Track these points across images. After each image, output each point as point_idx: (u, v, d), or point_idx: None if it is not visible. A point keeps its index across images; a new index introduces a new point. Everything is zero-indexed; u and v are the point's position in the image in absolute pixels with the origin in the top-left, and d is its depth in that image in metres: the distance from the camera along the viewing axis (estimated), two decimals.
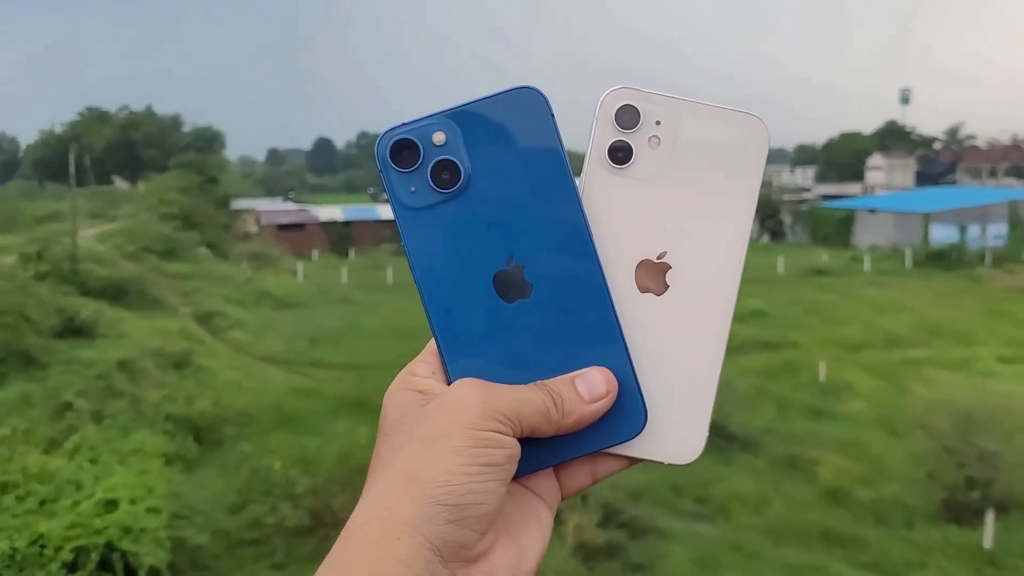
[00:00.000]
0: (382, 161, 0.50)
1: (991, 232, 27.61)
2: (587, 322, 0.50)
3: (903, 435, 9.54)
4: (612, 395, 0.49)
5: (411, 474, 0.44)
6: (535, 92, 0.50)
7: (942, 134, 62.88)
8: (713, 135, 0.51)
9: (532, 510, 0.50)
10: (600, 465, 0.52)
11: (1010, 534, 7.66)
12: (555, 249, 0.50)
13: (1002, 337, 15.15)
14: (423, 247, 0.50)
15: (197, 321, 15.70)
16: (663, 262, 0.52)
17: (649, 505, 8.09)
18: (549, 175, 0.50)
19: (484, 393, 0.47)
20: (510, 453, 0.46)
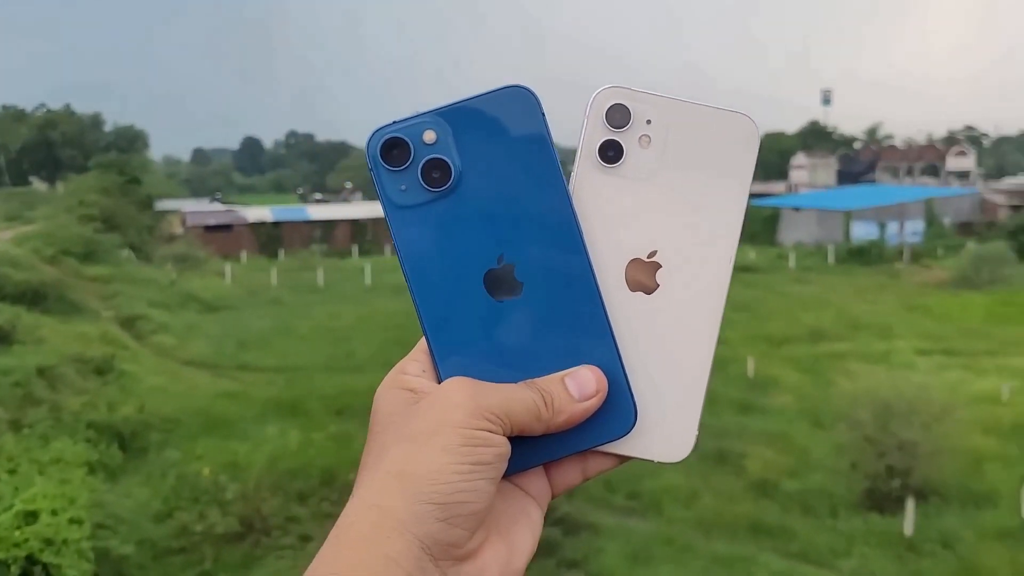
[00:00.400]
0: (372, 160, 0.50)
1: (908, 229, 28.57)
2: (577, 321, 0.50)
3: (827, 427, 9.81)
4: (602, 394, 0.49)
5: (401, 473, 0.44)
6: (526, 91, 0.50)
7: (862, 134, 64.85)
8: (704, 134, 0.52)
9: (522, 508, 0.50)
10: (590, 463, 0.52)
11: (928, 520, 7.93)
12: (545, 248, 0.50)
13: (919, 330, 15.70)
14: (413, 246, 0.50)
15: (120, 325, 15.29)
16: (653, 261, 0.52)
17: (582, 502, 8.15)
18: (539, 173, 0.50)
19: (474, 392, 0.47)
20: (500, 452, 0.46)
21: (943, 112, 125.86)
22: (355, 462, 1.83)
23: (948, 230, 29.25)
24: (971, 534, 7.74)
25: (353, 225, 31.78)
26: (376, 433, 0.48)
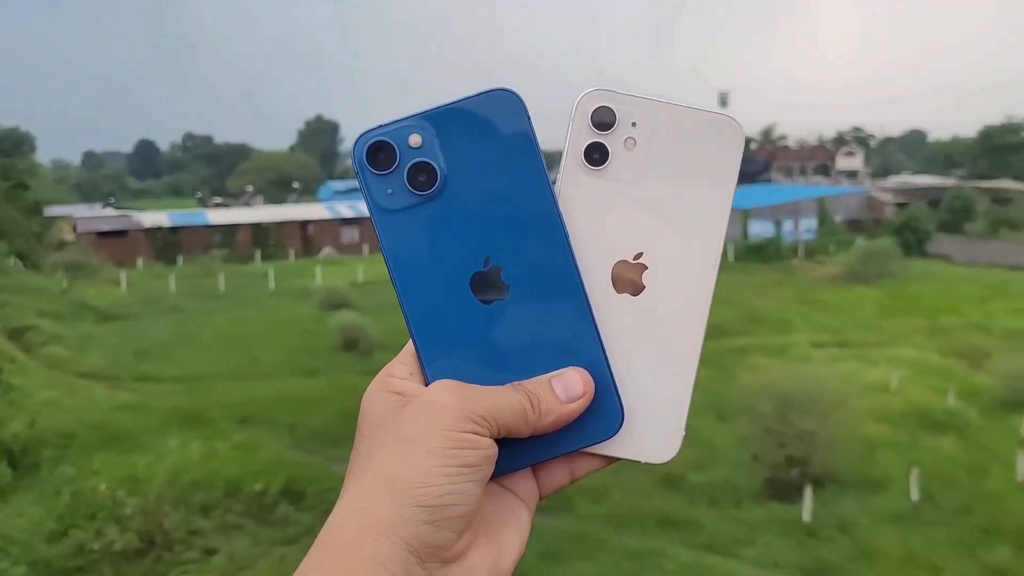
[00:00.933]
0: (358, 163, 0.50)
1: (803, 226, 29.62)
2: (564, 323, 0.51)
3: (731, 420, 10.07)
4: (589, 395, 0.50)
5: (388, 476, 0.44)
6: (511, 93, 0.50)
7: (757, 135, 66.82)
8: (689, 136, 0.52)
9: (510, 510, 0.50)
10: (578, 464, 0.52)
11: (826, 507, 8.24)
12: (532, 250, 0.50)
13: (815, 324, 16.30)
14: (400, 249, 0.50)
15: (7, 337, 14.55)
16: (639, 263, 0.52)
17: None
18: (525, 176, 0.50)
19: (461, 394, 0.47)
20: (487, 454, 0.46)
21: (833, 114, 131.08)
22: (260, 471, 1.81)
23: (839, 227, 30.43)
24: (866, 518, 8.08)
25: (255, 229, 31.05)
26: (363, 436, 0.48)
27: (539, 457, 0.50)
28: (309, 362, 13.78)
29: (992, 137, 42.54)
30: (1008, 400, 11.09)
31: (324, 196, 42.86)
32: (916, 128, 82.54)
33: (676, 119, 0.52)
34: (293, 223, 31.77)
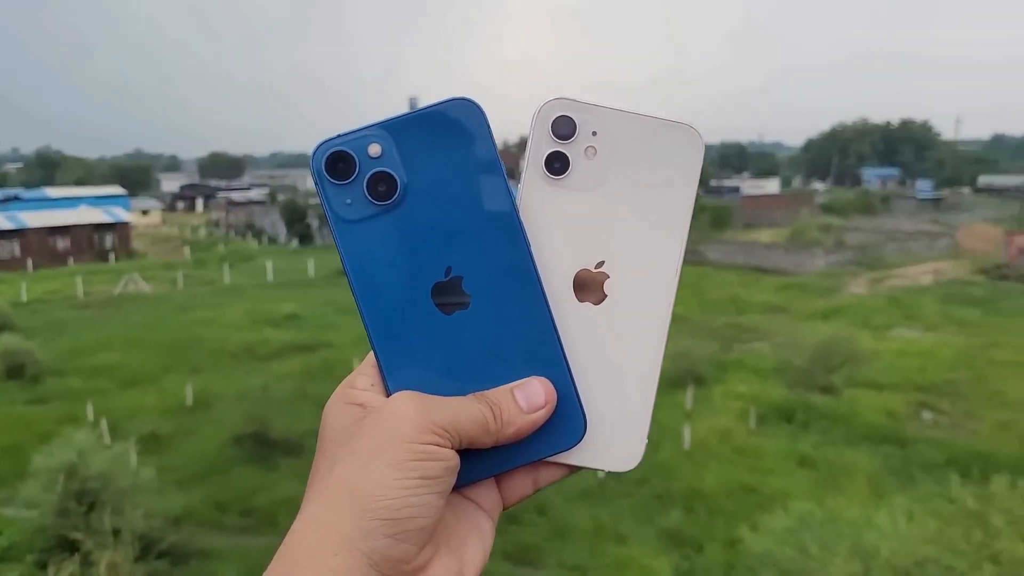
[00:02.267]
0: (317, 173, 0.49)
1: None
2: (526, 332, 0.50)
3: None
4: (551, 405, 0.49)
5: (349, 489, 0.43)
6: (471, 103, 0.49)
7: None
8: (649, 145, 0.51)
9: (473, 521, 0.49)
10: (542, 474, 0.52)
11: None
12: (493, 260, 0.50)
13: None
14: (360, 259, 0.49)
15: None
16: (601, 272, 0.52)
17: (192, 528, 7.71)
18: (486, 186, 0.50)
19: (422, 406, 0.46)
20: (448, 466, 0.45)
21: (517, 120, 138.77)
22: None
23: None
24: (560, 499, 8.64)
25: None
26: (324, 448, 0.47)
27: (502, 467, 0.50)
28: None
29: None
30: (674, 378, 12.41)
31: None
32: None
33: (636, 128, 0.52)
34: None
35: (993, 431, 10.43)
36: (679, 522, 8.26)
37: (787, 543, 5.33)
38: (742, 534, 6.36)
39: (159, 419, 11.08)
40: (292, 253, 29.58)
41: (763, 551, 5.53)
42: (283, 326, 16.25)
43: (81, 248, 29.92)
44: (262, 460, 9.29)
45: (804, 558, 5.02)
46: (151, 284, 23.06)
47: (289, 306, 17.75)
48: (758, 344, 15.30)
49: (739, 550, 6.58)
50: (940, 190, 52.53)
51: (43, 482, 7.28)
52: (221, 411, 10.96)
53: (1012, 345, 14.57)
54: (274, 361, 13.76)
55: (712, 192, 46.54)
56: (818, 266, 25.26)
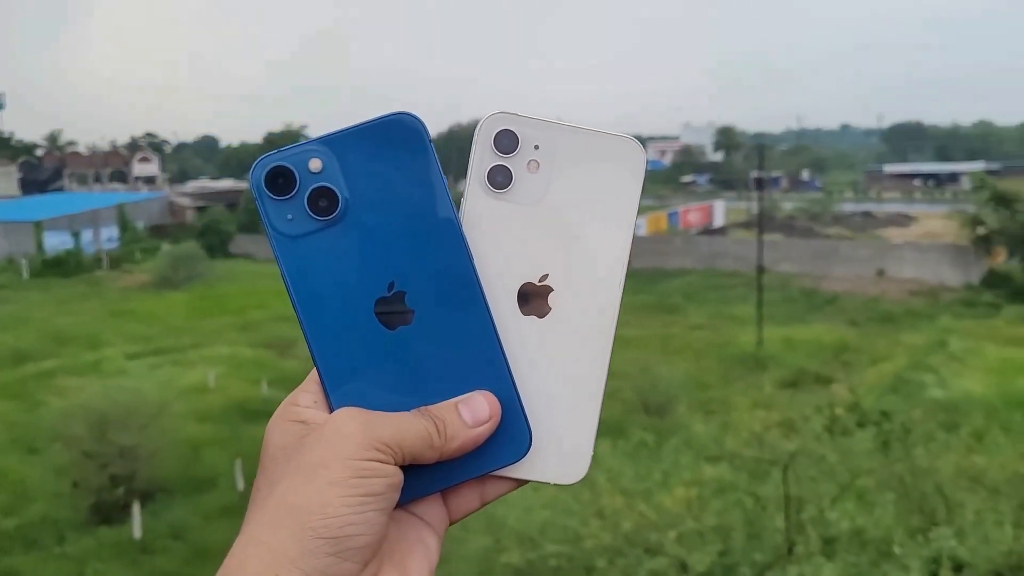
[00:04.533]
0: (257, 188, 0.48)
1: (104, 235, 28.47)
2: (470, 347, 0.50)
3: (42, 451, 9.25)
4: (496, 419, 0.49)
5: (290, 507, 0.43)
6: (412, 118, 0.49)
7: (42, 140, 62.08)
8: (591, 158, 0.52)
9: (418, 537, 0.49)
10: (488, 488, 0.51)
11: (158, 518, 8.16)
12: (436, 275, 0.50)
13: (127, 335, 15.88)
14: (302, 275, 0.49)
15: None
16: (545, 285, 0.52)
17: None
18: (428, 200, 0.49)
19: (364, 422, 0.45)
20: (391, 482, 0.45)
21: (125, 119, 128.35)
22: None
23: (142, 234, 30.06)
24: (198, 519, 8.22)
25: None
26: (265, 467, 0.46)
27: (447, 483, 0.49)
28: None
29: (275, 143, 46.48)
30: None
31: None
32: (208, 134, 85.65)
33: (578, 141, 0.52)
34: None
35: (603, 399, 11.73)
36: None
37: None
38: None
39: None
40: None
41: None
42: None
43: None
44: None
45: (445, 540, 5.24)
46: None
47: None
48: None
49: None
50: None
51: None
52: None
53: None
54: None
55: None
56: None
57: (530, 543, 4.66)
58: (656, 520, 4.54)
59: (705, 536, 4.41)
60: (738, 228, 30.66)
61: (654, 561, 4.20)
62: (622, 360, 13.15)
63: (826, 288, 20.15)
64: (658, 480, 5.52)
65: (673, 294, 19.91)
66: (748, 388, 11.78)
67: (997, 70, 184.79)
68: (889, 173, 57.48)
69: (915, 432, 5.62)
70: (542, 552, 4.53)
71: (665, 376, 11.33)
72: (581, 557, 4.54)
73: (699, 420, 8.53)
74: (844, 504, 4.68)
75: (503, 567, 4.66)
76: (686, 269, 23.00)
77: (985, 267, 21.09)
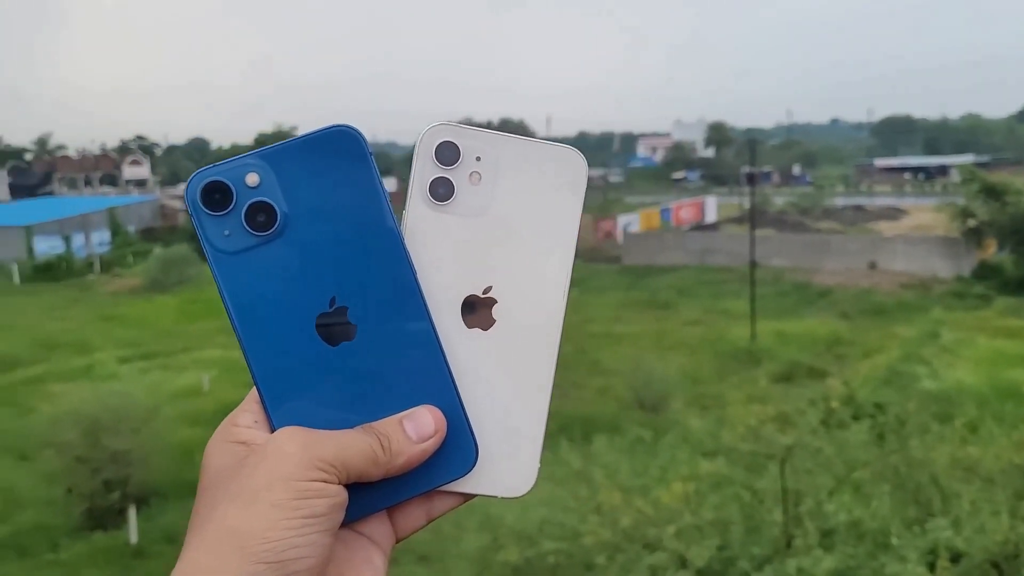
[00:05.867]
0: (192, 204, 0.48)
1: (95, 239, 28.35)
2: (414, 361, 0.49)
3: (34, 458, 9.19)
4: (441, 433, 0.49)
5: (230, 531, 0.41)
6: (351, 131, 0.49)
7: (31, 144, 61.82)
8: (532, 169, 0.51)
9: (365, 556, 0.48)
10: (435, 504, 0.51)
11: (152, 523, 8.11)
12: (378, 289, 0.49)
13: (117, 339, 15.81)
14: (240, 292, 0.48)
15: None
16: (489, 297, 0.51)
17: None
18: (368, 214, 0.49)
19: (305, 441, 0.44)
20: (334, 502, 0.44)
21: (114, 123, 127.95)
22: None
23: (134, 237, 29.95)
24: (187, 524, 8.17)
25: None
26: (205, 489, 0.45)
27: (393, 500, 0.49)
28: None
29: (266, 144, 46.27)
30: None
31: None
32: (199, 136, 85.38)
33: (519, 152, 0.52)
34: None
35: (594, 396, 11.70)
36: None
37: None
38: None
39: None
40: None
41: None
42: None
43: None
44: None
45: (439, 539, 5.26)
46: None
47: None
48: None
49: None
50: None
51: None
52: None
53: (602, 318, 16.49)
54: None
55: None
56: None
57: (528, 541, 4.65)
58: (654, 516, 4.52)
59: (703, 530, 4.39)
60: (730, 223, 30.71)
61: (653, 556, 4.19)
62: (616, 357, 13.16)
63: (818, 282, 20.16)
64: (655, 476, 5.52)
65: (666, 290, 19.92)
66: (742, 383, 11.78)
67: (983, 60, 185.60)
68: (879, 167, 57.69)
69: (909, 424, 5.61)
70: (540, 549, 4.52)
71: (659, 372, 11.30)
72: (580, 554, 4.52)
73: (694, 415, 8.54)
74: (841, 496, 4.67)
75: (501, 565, 4.65)
76: (679, 265, 22.99)
77: (976, 259, 21.16)
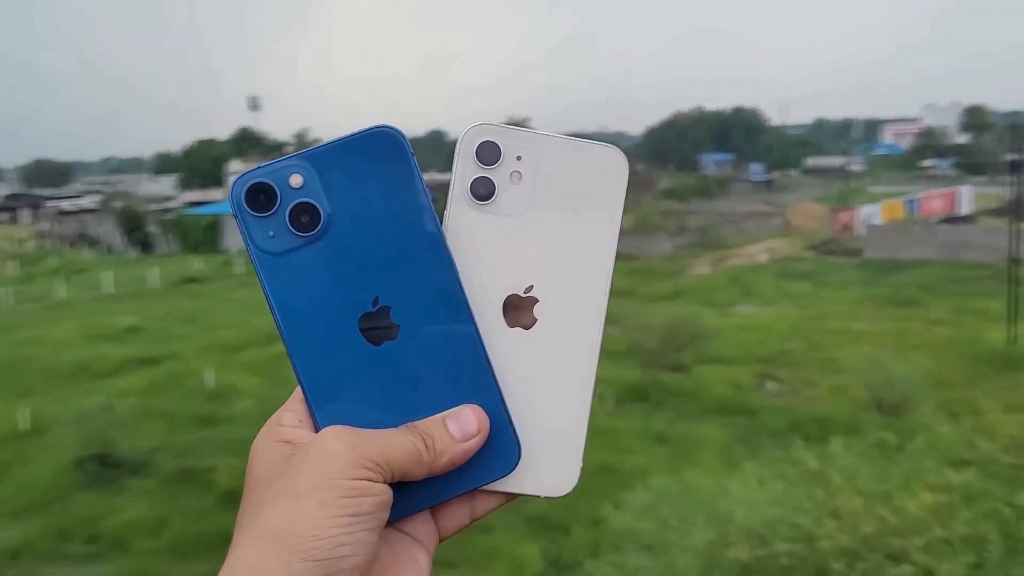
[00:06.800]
0: (237, 206, 0.48)
1: None
2: (456, 361, 0.49)
3: None
4: (484, 433, 0.49)
5: (278, 530, 0.41)
6: (393, 131, 0.49)
7: (292, 138, 67.42)
8: (573, 168, 0.52)
9: (409, 555, 0.48)
10: (478, 503, 0.51)
11: None
12: (420, 289, 0.49)
13: None
14: (285, 293, 0.49)
15: None
16: (530, 296, 0.51)
17: (30, 560, 7.21)
18: (411, 214, 0.49)
19: (351, 440, 0.45)
20: (380, 500, 0.44)
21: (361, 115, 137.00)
22: None
23: None
24: None
25: None
26: (251, 490, 0.45)
27: (437, 499, 0.49)
28: None
29: None
30: None
31: None
32: (437, 129, 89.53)
33: (560, 151, 0.52)
34: None
35: (829, 395, 11.11)
36: (544, 507, 8.37)
37: (647, 518, 5.50)
38: (605, 513, 6.52)
39: None
40: (131, 262, 28.09)
41: (625, 527, 5.69)
42: (123, 340, 15.39)
43: None
44: (107, 483, 8.78)
45: (665, 530, 5.19)
46: None
47: (128, 318, 16.84)
48: (609, 328, 15.70)
49: (603, 528, 6.73)
50: (771, 172, 55.57)
51: None
52: (59, 434, 10.27)
53: (839, 314, 15.60)
54: (114, 377, 13.02)
55: None
56: (662, 250, 26.24)
57: (759, 540, 4.49)
58: (899, 525, 4.22)
59: (955, 546, 4.05)
60: (988, 216, 28.03)
61: (899, 568, 3.91)
62: (853, 355, 12.41)
63: None
64: (898, 483, 5.15)
65: (910, 286, 18.50)
66: (999, 389, 10.72)
67: None
68: None
69: None
70: (772, 550, 4.35)
71: (901, 373, 10.52)
72: (814, 558, 4.31)
73: (943, 422, 7.87)
74: None
75: (730, 562, 4.52)
76: (926, 260, 21.28)
77: None
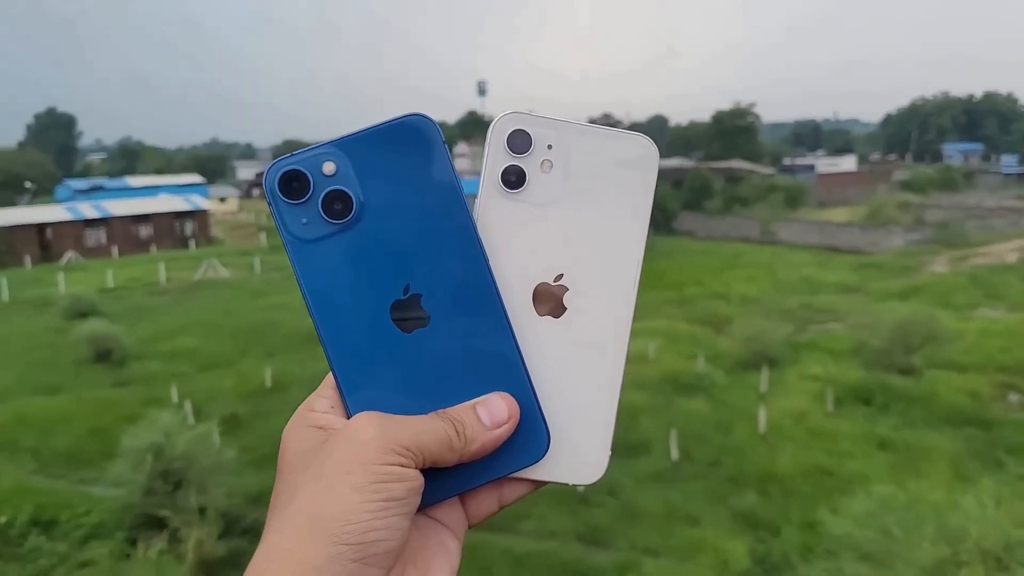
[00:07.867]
0: (271, 192, 0.48)
1: None
2: (486, 348, 0.50)
3: None
4: (514, 420, 0.49)
5: (312, 515, 0.42)
6: (425, 119, 0.49)
7: None
8: (604, 157, 0.52)
9: (439, 540, 0.49)
10: (506, 490, 0.51)
11: None
12: (451, 277, 0.49)
13: None
14: (317, 279, 0.49)
15: None
16: (560, 284, 0.52)
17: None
18: (442, 202, 0.49)
19: (383, 426, 0.45)
20: (412, 486, 0.44)
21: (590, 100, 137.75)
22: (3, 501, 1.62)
23: None
24: (630, 480, 8.62)
25: None
26: (285, 474, 0.46)
27: (467, 485, 0.49)
28: (50, 378, 12.63)
29: (722, 121, 46.35)
30: (747, 360, 12.24)
31: (63, 196, 39.06)
32: (659, 114, 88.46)
33: (590, 140, 0.52)
34: (27, 227, 28.80)
35: None
36: (754, 504, 8.16)
37: (868, 526, 5.22)
38: (820, 517, 6.25)
39: (238, 401, 11.39)
40: None
41: (844, 533, 5.43)
42: None
43: (162, 235, 30.78)
44: None
45: (888, 541, 4.91)
46: (229, 270, 23.65)
47: None
48: (833, 325, 14.97)
49: (818, 533, 6.47)
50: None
51: (131, 462, 7.55)
52: (297, 393, 11.19)
53: None
54: None
55: (785, 170, 45.55)
56: (895, 245, 24.56)
57: (996, 562, 4.14)
58: None
59: None
60: None
61: None
62: None
63: None
64: None
65: None
66: None
67: None
68: None
69: None
70: (1012, 575, 4.00)
71: None
72: None
73: None
74: None
75: None
76: None
77: None
